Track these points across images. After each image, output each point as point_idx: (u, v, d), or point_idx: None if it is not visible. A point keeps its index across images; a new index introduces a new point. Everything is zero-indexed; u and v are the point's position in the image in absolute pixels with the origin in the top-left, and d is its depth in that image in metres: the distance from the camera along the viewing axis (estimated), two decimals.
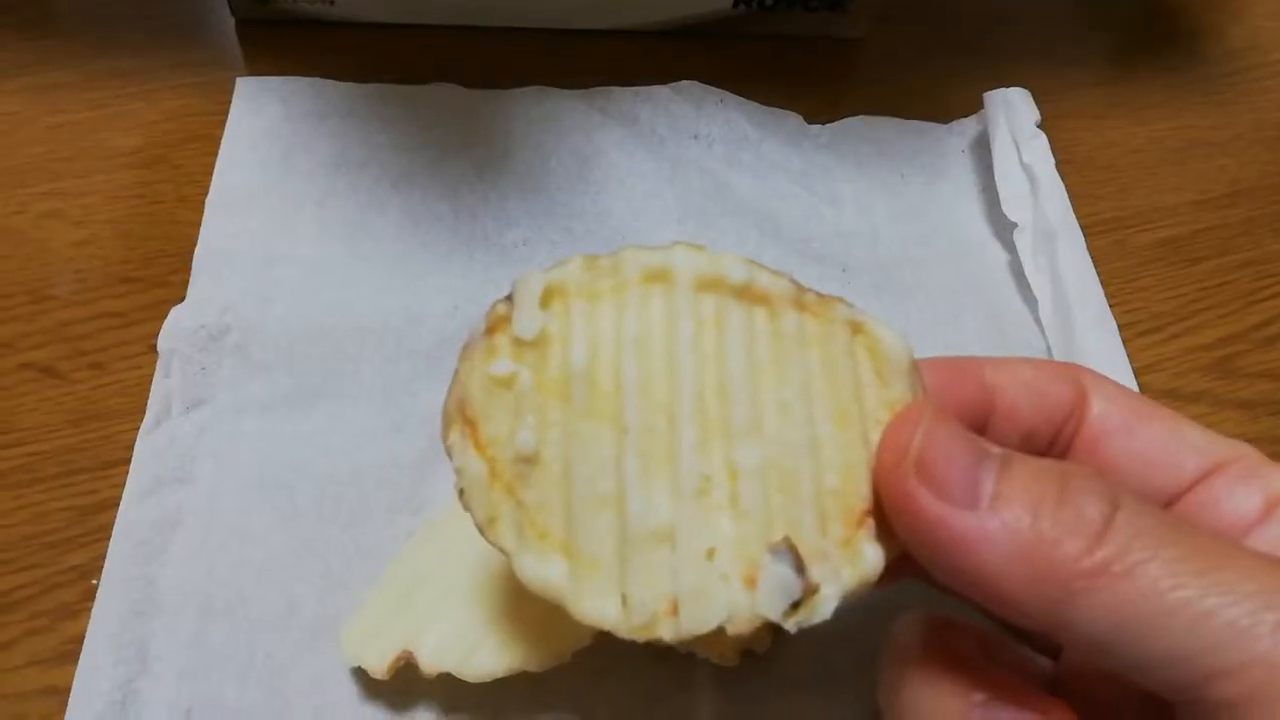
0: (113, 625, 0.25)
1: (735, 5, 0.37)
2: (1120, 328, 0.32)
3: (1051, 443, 0.21)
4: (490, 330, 0.19)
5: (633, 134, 0.34)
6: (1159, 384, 0.32)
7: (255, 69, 0.35)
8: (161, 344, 0.28)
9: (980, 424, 0.21)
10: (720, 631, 0.18)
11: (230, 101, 0.34)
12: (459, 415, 0.19)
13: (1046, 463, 0.18)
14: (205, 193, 0.32)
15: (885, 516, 0.18)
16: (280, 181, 0.32)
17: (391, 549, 0.26)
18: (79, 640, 0.25)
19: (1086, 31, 0.42)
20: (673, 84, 0.35)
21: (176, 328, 0.29)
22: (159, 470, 0.27)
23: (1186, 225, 0.37)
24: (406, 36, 0.36)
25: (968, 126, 0.37)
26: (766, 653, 0.25)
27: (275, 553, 0.26)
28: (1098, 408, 0.21)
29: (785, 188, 0.34)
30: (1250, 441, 0.21)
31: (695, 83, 0.35)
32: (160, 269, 0.31)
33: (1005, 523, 0.16)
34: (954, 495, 0.17)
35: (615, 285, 0.19)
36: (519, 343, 0.19)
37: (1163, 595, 0.16)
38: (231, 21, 0.37)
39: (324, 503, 0.27)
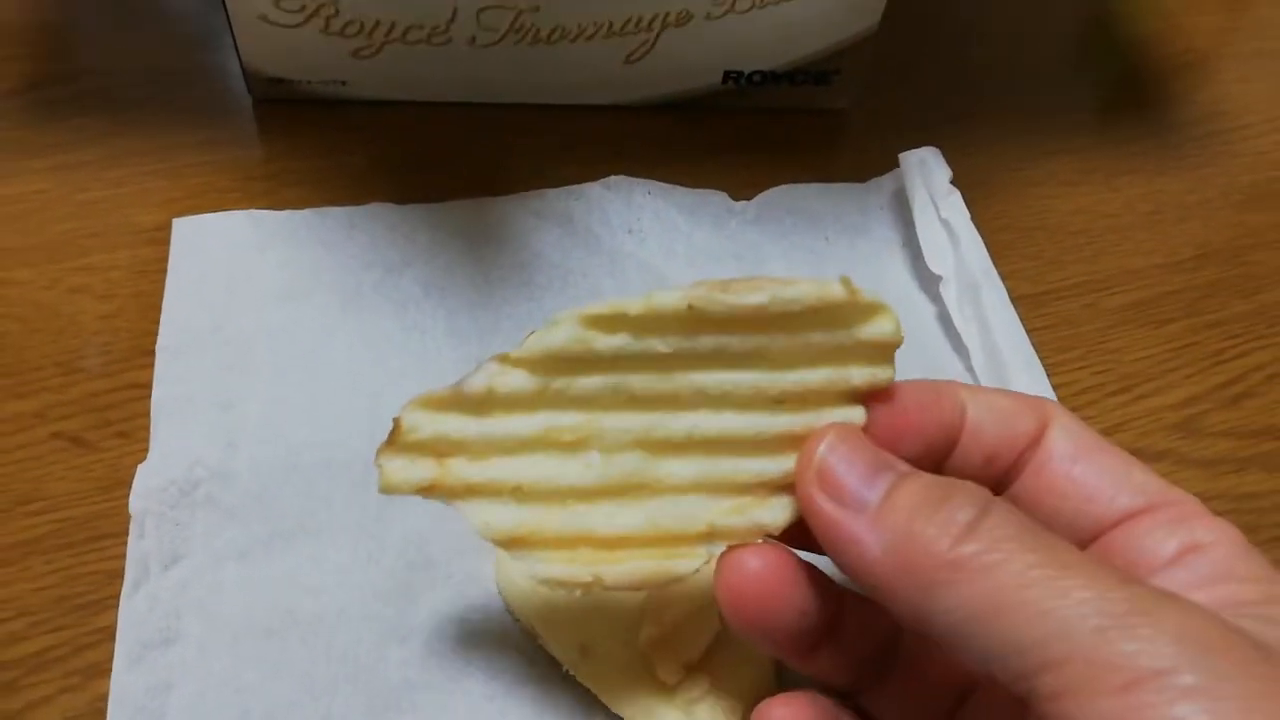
0: None
1: (724, 80, 0.38)
2: (1090, 389, 0.34)
3: (1012, 466, 0.23)
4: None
5: (568, 233, 0.35)
6: (1124, 444, 0.32)
7: (271, 146, 0.37)
8: (133, 506, 0.29)
9: (950, 442, 0.23)
10: None
11: (246, 179, 0.35)
12: None
13: (938, 478, 0.20)
14: None
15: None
16: (229, 319, 0.32)
17: (386, 681, 0.27)
18: (107, 698, 0.26)
19: (1063, 99, 0.43)
20: (603, 180, 0.36)
21: (146, 487, 0.29)
22: (144, 635, 0.27)
23: (1156, 288, 0.38)
24: (416, 114, 0.38)
25: (884, 184, 0.39)
26: None
27: (273, 703, 0.26)
28: (1053, 436, 0.22)
29: (718, 271, 0.35)
30: (1209, 500, 0.21)
31: (624, 177, 0.36)
32: None
33: (885, 524, 0.19)
34: (846, 500, 0.20)
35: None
36: None
37: (1012, 591, 0.18)
38: (249, 101, 0.38)
39: (314, 645, 0.27)
